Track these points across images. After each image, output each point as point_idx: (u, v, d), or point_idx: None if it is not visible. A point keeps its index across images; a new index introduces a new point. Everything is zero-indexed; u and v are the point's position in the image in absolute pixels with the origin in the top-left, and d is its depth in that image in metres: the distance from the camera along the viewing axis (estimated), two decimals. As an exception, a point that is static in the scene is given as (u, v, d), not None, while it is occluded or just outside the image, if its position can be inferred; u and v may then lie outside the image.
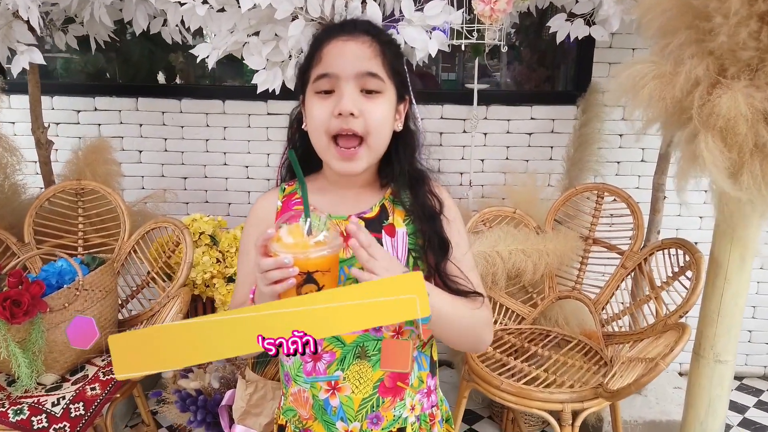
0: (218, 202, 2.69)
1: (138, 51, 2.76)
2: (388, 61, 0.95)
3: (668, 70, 1.57)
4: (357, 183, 1.03)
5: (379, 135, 0.95)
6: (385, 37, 0.98)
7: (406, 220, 1.01)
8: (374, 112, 0.93)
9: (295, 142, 1.08)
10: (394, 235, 0.99)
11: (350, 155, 0.94)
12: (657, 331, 1.73)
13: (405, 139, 1.03)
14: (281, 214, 1.04)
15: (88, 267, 1.82)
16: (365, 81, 0.92)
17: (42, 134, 2.17)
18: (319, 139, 0.95)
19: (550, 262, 2.00)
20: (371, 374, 0.98)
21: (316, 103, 0.94)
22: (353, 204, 1.02)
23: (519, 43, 2.82)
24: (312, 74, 0.96)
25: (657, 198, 2.12)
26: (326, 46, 0.94)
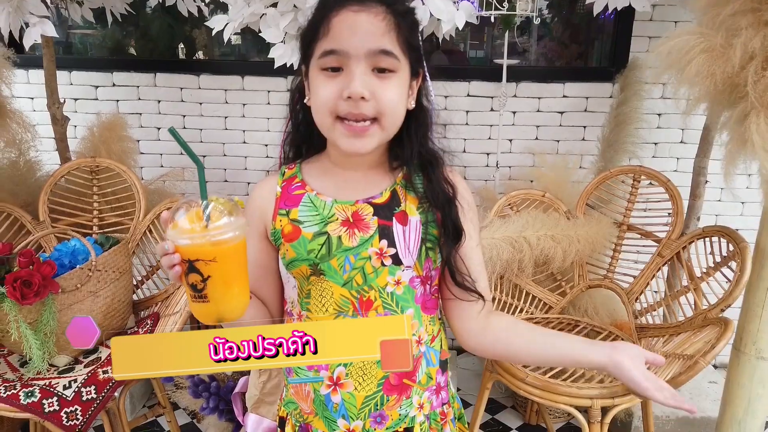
0: (237, 181, 2.64)
1: (157, 25, 2.70)
2: (403, 35, 0.85)
3: (719, 43, 1.44)
4: (364, 164, 0.94)
5: (393, 116, 0.86)
6: (400, 6, 0.87)
7: (419, 207, 0.93)
8: (387, 93, 0.84)
9: (298, 116, 0.98)
10: (406, 224, 0.91)
11: (360, 131, 0.84)
12: (696, 325, 1.62)
13: (417, 117, 0.93)
14: (282, 199, 0.96)
15: (101, 247, 1.78)
16: (378, 59, 0.83)
17: (57, 110, 2.12)
18: (324, 119, 0.86)
19: (581, 249, 1.89)
20: (375, 371, 0.92)
21: (321, 82, 0.85)
22: (361, 188, 0.94)
23: (551, 18, 2.68)
24: (317, 48, 0.85)
25: (698, 182, 1.99)
26: (335, 16, 0.83)
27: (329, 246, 0.90)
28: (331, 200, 0.92)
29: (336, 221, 0.91)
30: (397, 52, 0.84)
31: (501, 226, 1.89)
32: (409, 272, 0.92)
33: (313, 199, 0.93)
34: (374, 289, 0.91)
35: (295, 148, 1.01)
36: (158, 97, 2.56)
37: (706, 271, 1.71)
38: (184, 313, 1.59)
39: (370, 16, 0.83)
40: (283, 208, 0.94)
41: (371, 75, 0.83)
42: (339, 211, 0.91)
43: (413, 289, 0.93)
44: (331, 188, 0.94)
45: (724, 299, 1.58)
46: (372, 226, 0.90)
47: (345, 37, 0.82)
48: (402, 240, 0.90)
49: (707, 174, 1.99)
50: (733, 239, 1.64)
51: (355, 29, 0.82)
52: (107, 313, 1.70)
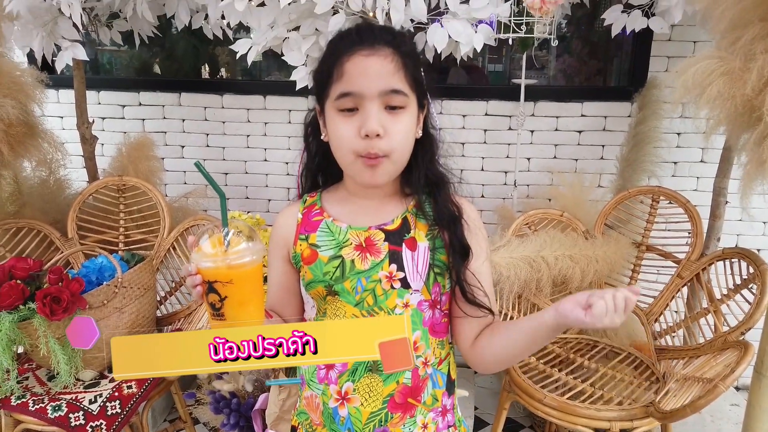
0: (258, 198, 2.68)
1: (182, 46, 2.77)
2: (410, 73, 0.93)
3: (737, 66, 1.44)
4: (379, 193, 1.01)
5: (402, 150, 0.94)
6: (405, 46, 0.95)
7: (428, 234, 0.98)
8: (398, 129, 0.91)
9: (311, 149, 1.06)
10: (415, 249, 0.97)
11: (375, 164, 0.92)
12: (716, 348, 1.61)
13: (424, 145, 1.00)
14: (302, 225, 1.02)
15: (127, 264, 1.82)
16: (389, 98, 0.90)
17: (87, 129, 2.19)
18: (345, 156, 0.93)
19: (600, 269, 1.89)
20: (382, 388, 0.96)
21: (340, 122, 0.92)
22: (375, 215, 1.00)
23: (570, 36, 2.69)
24: (333, 90, 0.92)
25: (718, 203, 1.98)
26: (347, 60, 0.90)
27: (343, 269, 0.96)
28: (346, 226, 0.98)
29: (350, 246, 0.96)
30: (405, 89, 0.91)
31: (519, 245, 1.90)
32: (417, 296, 0.96)
33: (330, 224, 0.99)
34: (384, 311, 0.95)
35: (312, 179, 1.08)
36: (183, 116, 2.63)
37: (726, 293, 1.70)
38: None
39: (380, 59, 0.90)
40: (303, 233, 1.00)
41: (384, 112, 0.90)
42: (353, 237, 0.97)
43: (421, 312, 0.97)
44: (347, 215, 1.00)
45: (745, 322, 1.57)
46: (383, 251, 0.95)
47: (358, 80, 0.89)
48: (410, 264, 0.95)
49: (727, 194, 1.98)
50: (753, 261, 1.63)
51: (367, 72, 0.89)
52: (132, 328, 1.74)
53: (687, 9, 1.77)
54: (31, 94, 1.88)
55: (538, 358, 1.85)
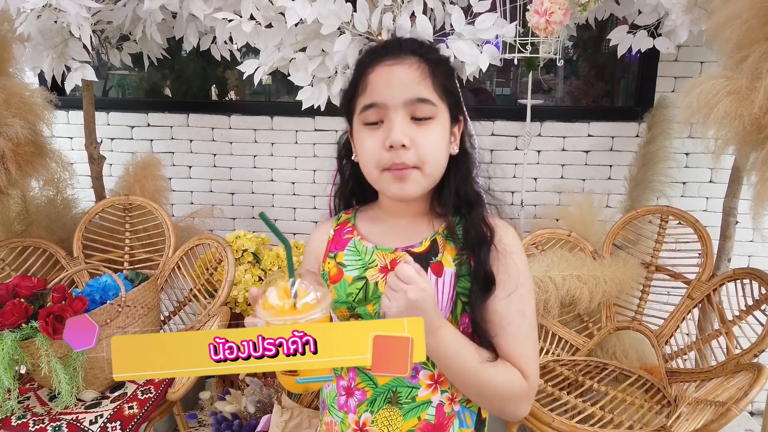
0: (264, 218, 2.67)
1: (191, 67, 2.80)
2: (438, 82, 0.88)
3: (744, 85, 1.44)
4: (410, 212, 0.96)
5: (434, 162, 0.88)
6: (433, 55, 0.91)
7: (456, 259, 0.91)
8: (426, 140, 0.86)
9: (345, 171, 1.03)
10: (441, 275, 0.90)
11: (403, 176, 0.86)
12: (728, 370, 1.57)
13: (459, 162, 0.94)
14: (333, 242, 0.98)
15: (131, 283, 1.82)
16: (415, 107, 0.85)
17: (95, 149, 2.21)
18: (371, 172, 0.89)
19: (608, 290, 1.86)
20: (401, 423, 0.90)
21: (365, 136, 0.88)
22: (404, 235, 0.95)
23: (576, 57, 2.70)
24: (358, 104, 0.89)
25: (728, 223, 1.95)
26: (371, 72, 0.88)
27: (366, 291, 0.91)
28: (372, 246, 0.94)
29: (375, 267, 0.92)
30: (434, 98, 0.86)
31: (526, 265, 1.87)
32: None
33: (357, 244, 0.96)
34: None
35: (345, 201, 1.05)
36: (190, 136, 2.64)
37: (738, 315, 1.66)
38: (209, 350, 1.60)
39: (404, 67, 0.86)
40: (333, 251, 0.97)
41: (410, 123, 0.85)
42: (379, 258, 0.93)
43: None
44: (376, 234, 0.96)
45: (757, 344, 1.53)
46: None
47: (382, 91, 0.86)
48: (436, 291, 0.87)
49: (737, 214, 1.95)
50: (765, 282, 1.60)
51: (391, 81, 0.85)
52: (135, 348, 1.72)
53: (693, 29, 1.76)
54: (40, 114, 1.90)
55: (546, 380, 1.82)
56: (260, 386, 1.66)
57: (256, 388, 1.66)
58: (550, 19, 1.76)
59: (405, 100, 0.85)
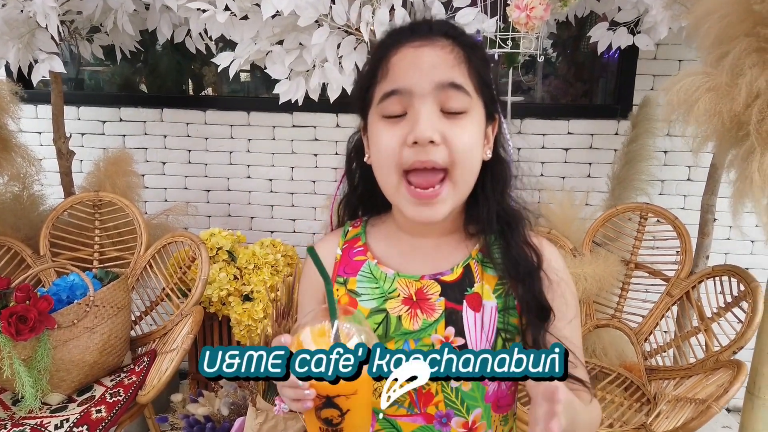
0: (241, 216, 2.63)
1: (166, 61, 2.74)
2: (474, 69, 0.73)
3: (724, 81, 1.43)
4: (436, 230, 0.80)
5: (467, 167, 0.72)
6: (469, 39, 0.75)
7: (497, 289, 0.78)
8: (460, 137, 0.70)
9: (354, 176, 0.87)
10: (479, 309, 0.76)
11: (429, 197, 0.71)
12: (707, 367, 1.57)
13: (494, 171, 0.79)
14: (341, 265, 0.83)
15: (101, 282, 1.76)
16: (447, 96, 0.70)
17: (63, 144, 2.13)
18: (388, 177, 0.73)
19: (588, 287, 1.85)
20: None
21: (383, 130, 0.72)
22: (430, 260, 0.80)
23: (556, 56, 2.69)
24: (376, 93, 0.74)
25: (706, 220, 1.96)
26: (394, 54, 0.72)
27: (387, 326, 0.77)
28: (393, 273, 0.79)
29: (397, 298, 0.78)
30: (469, 87, 0.72)
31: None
32: None
33: (374, 269, 0.81)
34: (436, 382, 0.76)
35: (351, 211, 0.90)
36: (164, 132, 2.58)
37: (717, 312, 1.66)
38: (181, 351, 1.55)
39: (435, 49, 0.72)
40: (342, 276, 0.82)
41: (440, 116, 0.71)
42: (401, 287, 0.78)
43: (484, 386, 0.78)
44: (395, 258, 0.81)
45: (736, 341, 1.53)
46: (438, 309, 0.76)
47: (407, 74, 0.71)
48: (473, 329, 0.76)
49: (715, 212, 1.96)
50: (743, 279, 1.60)
51: (418, 64, 0.71)
52: (103, 349, 1.67)
53: (672, 26, 1.76)
54: (5, 107, 1.83)
55: (527, 379, 1.80)
56: (234, 388, 1.62)
57: (230, 389, 1.62)
58: (531, 14, 1.74)
59: (436, 84, 0.70)
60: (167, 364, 1.56)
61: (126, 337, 1.76)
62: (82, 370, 1.64)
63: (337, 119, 2.49)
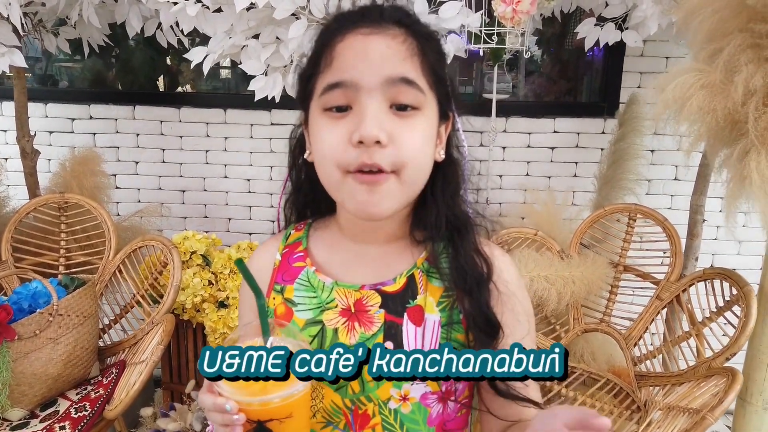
0: (217, 217, 2.53)
1: (138, 57, 2.63)
2: (428, 63, 0.68)
3: (718, 78, 1.38)
4: (380, 236, 0.75)
5: (416, 169, 0.67)
6: (423, 29, 0.69)
7: (442, 302, 0.72)
8: (410, 138, 0.65)
9: (300, 173, 0.81)
10: (420, 323, 0.71)
11: (375, 181, 0.65)
12: (700, 374, 1.52)
13: (446, 173, 0.74)
14: (279, 272, 0.77)
15: (66, 289, 1.66)
16: (397, 91, 0.65)
17: (27, 143, 2.02)
18: (330, 175, 0.68)
19: (576, 290, 1.80)
20: None
21: (324, 126, 0.67)
22: (372, 268, 0.75)
23: (542, 53, 2.64)
24: (318, 83, 0.68)
25: (695, 221, 1.92)
26: (340, 42, 0.66)
27: (322, 339, 0.72)
28: (331, 282, 0.74)
29: (335, 309, 0.73)
30: (422, 83, 0.66)
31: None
32: (420, 387, 0.72)
33: (312, 277, 0.75)
34: (373, 402, 0.72)
35: (298, 213, 0.84)
36: (137, 130, 2.47)
37: (709, 316, 1.62)
38: (151, 363, 1.47)
39: (386, 38, 0.65)
40: (279, 283, 0.77)
41: (389, 113, 0.65)
42: (339, 297, 0.73)
43: (426, 408, 0.73)
44: (335, 265, 0.76)
45: (729, 347, 1.49)
46: (377, 322, 0.71)
47: (353, 65, 0.65)
48: (413, 344, 0.71)
49: (704, 212, 1.92)
50: (735, 282, 1.56)
51: (366, 54, 0.65)
52: (68, 361, 1.57)
53: (661, 22, 1.71)
54: (-37, 103, 1.72)
55: (514, 386, 1.74)
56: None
57: (204, 402, 1.54)
58: (517, 8, 1.68)
59: (385, 78, 0.64)
60: (136, 376, 1.47)
61: (93, 347, 1.67)
62: (45, 384, 1.55)
63: (317, 117, 2.40)
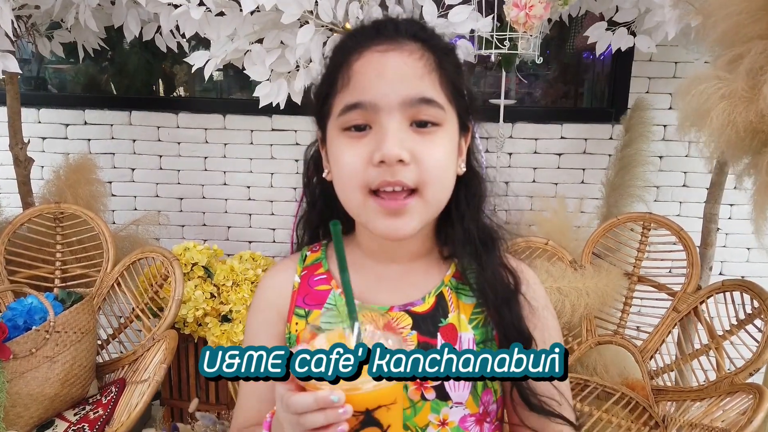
0: (216, 226, 2.47)
1: (134, 61, 2.56)
2: (447, 78, 0.67)
3: (740, 87, 1.34)
4: (404, 254, 0.73)
5: (440, 186, 0.66)
6: (440, 42, 0.69)
7: (474, 319, 0.70)
8: (432, 154, 0.64)
9: (314, 192, 0.79)
10: (456, 343, 0.69)
11: (398, 208, 0.64)
12: (722, 390, 1.47)
13: (469, 186, 0.72)
14: (300, 295, 0.74)
15: (62, 304, 1.60)
16: (417, 110, 0.64)
17: (21, 151, 1.95)
18: (352, 196, 0.66)
19: (590, 302, 1.75)
20: None
21: (345, 147, 0.66)
22: (399, 288, 0.72)
23: (549, 57, 2.60)
24: (336, 103, 0.67)
25: (709, 230, 1.87)
26: (356, 60, 0.65)
27: None
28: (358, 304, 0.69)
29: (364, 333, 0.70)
30: (441, 100, 0.65)
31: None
32: (459, 410, 0.69)
33: (339, 300, 0.72)
34: (410, 430, 0.68)
35: (311, 232, 0.82)
36: (133, 136, 2.41)
37: (729, 329, 1.57)
38: (154, 383, 1.40)
39: (403, 55, 0.64)
40: (302, 307, 0.74)
41: (409, 131, 0.64)
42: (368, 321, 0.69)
43: (464, 431, 0.71)
44: (360, 286, 0.70)
45: (753, 362, 1.44)
46: (410, 344, 0.69)
47: (371, 85, 0.64)
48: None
49: (718, 220, 1.88)
50: (757, 295, 1.51)
51: (384, 73, 0.64)
52: (66, 380, 1.50)
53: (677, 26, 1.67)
54: (-47, 109, 1.65)
55: (527, 401, 1.69)
56: (213, 421, 1.47)
57: (209, 423, 1.47)
58: (530, 13, 1.63)
59: (403, 98, 0.63)
60: (137, 397, 1.41)
61: (91, 365, 1.60)
62: (41, 405, 1.48)
63: (320, 123, 2.35)
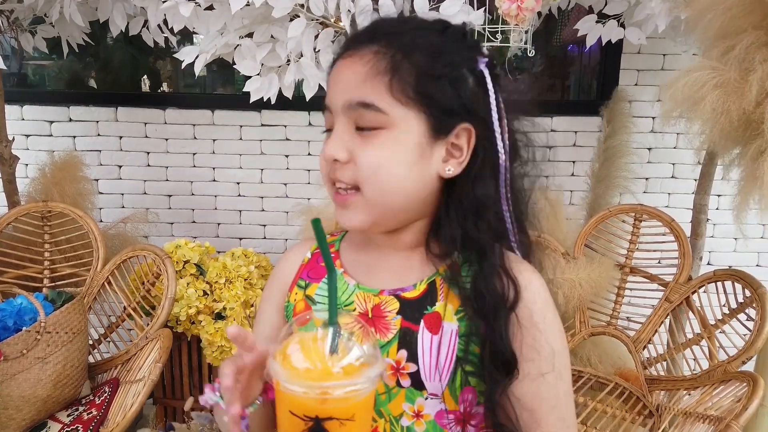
0: (206, 223, 2.44)
1: (119, 56, 2.52)
2: (401, 81, 0.65)
3: (733, 77, 1.35)
4: (400, 244, 0.74)
5: (378, 185, 0.66)
6: (407, 40, 0.66)
7: (461, 311, 0.68)
8: (367, 155, 0.66)
9: None
10: (437, 331, 0.67)
11: (341, 202, 0.69)
12: (715, 379, 1.49)
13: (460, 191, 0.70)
14: (306, 269, 0.78)
15: (53, 304, 1.57)
16: (358, 115, 0.66)
17: (5, 149, 1.91)
18: (327, 189, 0.73)
19: (583, 294, 1.76)
20: None
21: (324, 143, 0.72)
22: (394, 273, 0.73)
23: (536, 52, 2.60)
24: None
25: (699, 220, 1.89)
26: (331, 70, 0.72)
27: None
28: (354, 285, 0.73)
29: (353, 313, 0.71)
30: (381, 103, 0.65)
31: (497, 271, 1.75)
32: (435, 402, 0.67)
33: (339, 278, 0.74)
34: (384, 418, 0.68)
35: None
36: (120, 132, 2.37)
37: (721, 319, 1.59)
38: (149, 382, 1.39)
39: (353, 61, 0.67)
40: (304, 279, 0.77)
41: (354, 133, 0.67)
42: (359, 301, 0.72)
43: (443, 428, 0.68)
44: (360, 268, 0.75)
45: (745, 350, 1.46)
46: (392, 328, 0.68)
47: (330, 92, 0.70)
48: (427, 354, 0.67)
49: (708, 211, 1.90)
50: (748, 284, 1.54)
51: (337, 80, 0.69)
52: (58, 381, 1.48)
53: (668, 19, 1.67)
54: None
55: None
56: (209, 420, 1.45)
57: (205, 422, 1.45)
58: (522, 6, 1.62)
59: (343, 103, 0.67)
60: (132, 397, 1.39)
61: (83, 365, 1.58)
62: (33, 406, 1.46)
63: (310, 117, 2.33)
